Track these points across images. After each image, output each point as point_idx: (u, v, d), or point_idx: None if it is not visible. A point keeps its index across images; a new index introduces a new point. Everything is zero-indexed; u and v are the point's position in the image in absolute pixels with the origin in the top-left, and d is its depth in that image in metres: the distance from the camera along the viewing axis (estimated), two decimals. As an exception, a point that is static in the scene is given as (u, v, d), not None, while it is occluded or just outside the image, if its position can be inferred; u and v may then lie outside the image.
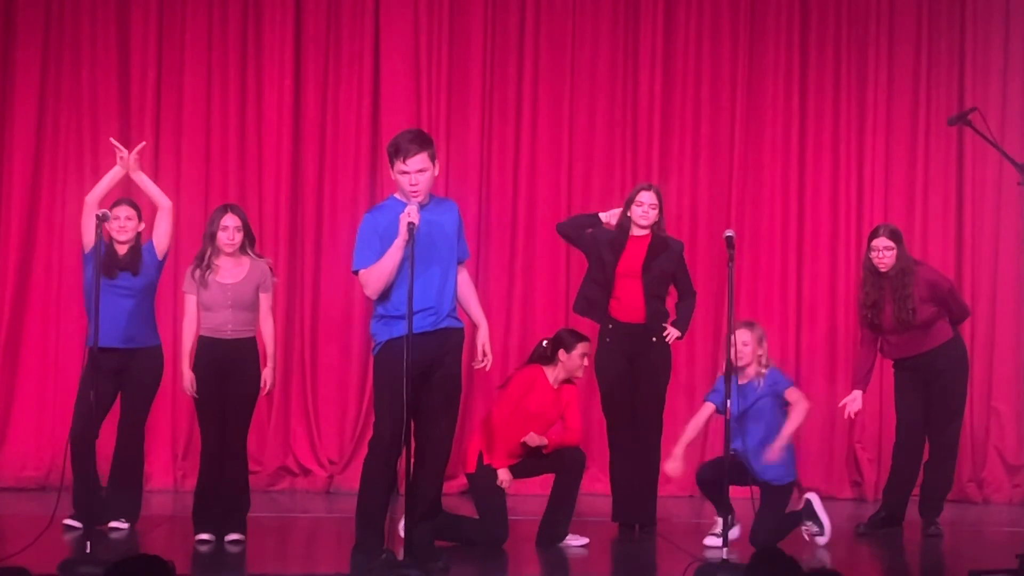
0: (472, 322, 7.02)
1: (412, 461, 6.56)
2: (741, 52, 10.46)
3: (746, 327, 7.93)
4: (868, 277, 8.52)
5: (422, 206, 6.68)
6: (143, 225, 8.02)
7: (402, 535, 6.74)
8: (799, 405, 7.86)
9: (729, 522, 7.21)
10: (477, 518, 7.80)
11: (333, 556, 7.64)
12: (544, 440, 7.82)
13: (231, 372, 7.60)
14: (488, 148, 10.40)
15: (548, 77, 10.43)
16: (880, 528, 8.54)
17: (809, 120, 10.52)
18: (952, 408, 8.62)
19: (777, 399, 7.85)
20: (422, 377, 6.69)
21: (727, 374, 7.13)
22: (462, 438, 8.82)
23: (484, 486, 7.76)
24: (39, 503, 9.00)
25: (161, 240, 7.98)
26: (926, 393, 8.57)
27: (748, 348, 7.85)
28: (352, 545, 6.90)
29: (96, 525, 7.26)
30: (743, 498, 7.61)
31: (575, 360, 7.92)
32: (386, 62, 10.36)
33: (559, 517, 7.87)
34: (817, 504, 7.93)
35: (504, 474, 7.77)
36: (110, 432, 7.98)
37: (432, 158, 6.71)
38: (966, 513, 9.72)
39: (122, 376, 7.93)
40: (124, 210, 7.93)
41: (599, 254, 8.35)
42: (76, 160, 10.13)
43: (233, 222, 7.67)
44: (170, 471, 10.05)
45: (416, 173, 6.68)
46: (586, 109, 10.45)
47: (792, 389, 7.91)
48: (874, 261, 8.47)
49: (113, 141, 8.10)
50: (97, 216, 7.14)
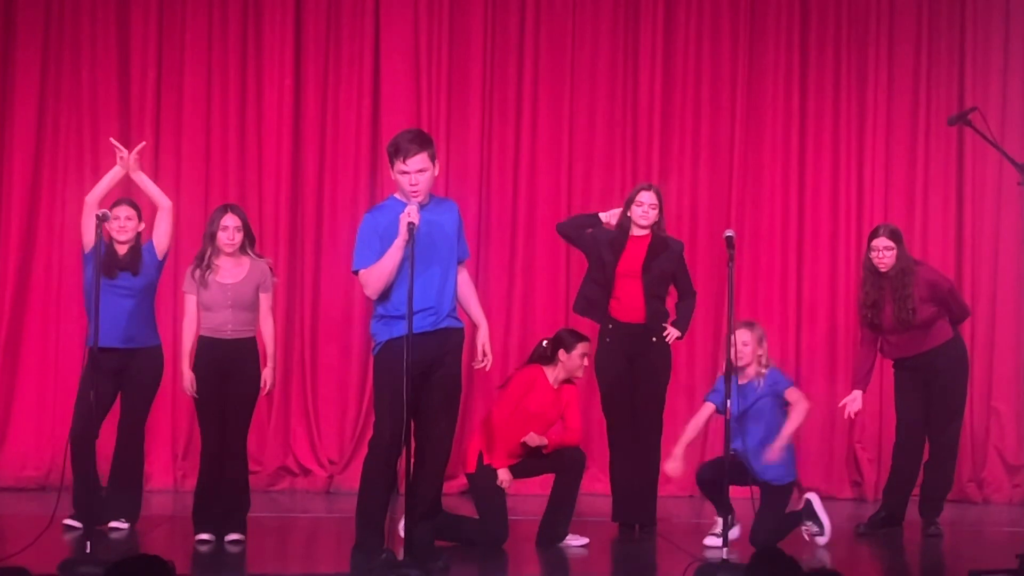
0: (472, 322, 7.02)
1: (412, 461, 6.56)
2: (741, 52, 10.46)
3: (746, 327, 7.93)
4: (868, 277, 8.52)
5: (422, 206, 6.68)
6: (143, 225, 8.02)
7: (402, 535, 6.74)
8: (799, 405, 7.86)
9: (729, 522, 7.21)
10: (477, 518, 7.80)
11: (333, 556, 7.64)
12: (544, 440, 7.81)
13: (231, 372, 7.60)
14: (488, 148, 10.39)
15: (548, 77, 10.42)
16: (880, 528, 8.54)
17: (809, 120, 10.51)
18: (952, 408, 8.62)
19: (777, 399, 7.85)
20: (422, 377, 6.69)
21: (727, 374, 7.13)
22: (462, 438, 8.82)
23: (484, 486, 7.75)
24: (39, 503, 8.99)
25: (161, 240, 7.98)
26: (926, 393, 8.56)
27: (748, 348, 7.85)
28: (352, 545, 6.91)
29: (96, 525, 7.26)
30: (743, 498, 7.61)
31: (575, 360, 7.92)
32: (386, 62, 10.36)
33: (559, 517, 7.87)
34: (817, 504, 7.92)
35: (504, 474, 7.76)
36: (110, 432, 7.97)
37: (432, 158, 6.71)
38: (966, 513, 9.71)
39: (122, 376, 7.93)
40: (124, 210, 7.93)
41: (599, 254, 8.35)
42: (76, 160, 10.12)
43: (233, 222, 7.67)
44: (170, 471, 10.04)
45: (416, 173, 6.67)
46: (586, 109, 10.45)
47: (792, 389, 7.91)
48: (874, 261, 8.47)
49: (113, 141, 8.10)
50: (97, 216, 7.13)
